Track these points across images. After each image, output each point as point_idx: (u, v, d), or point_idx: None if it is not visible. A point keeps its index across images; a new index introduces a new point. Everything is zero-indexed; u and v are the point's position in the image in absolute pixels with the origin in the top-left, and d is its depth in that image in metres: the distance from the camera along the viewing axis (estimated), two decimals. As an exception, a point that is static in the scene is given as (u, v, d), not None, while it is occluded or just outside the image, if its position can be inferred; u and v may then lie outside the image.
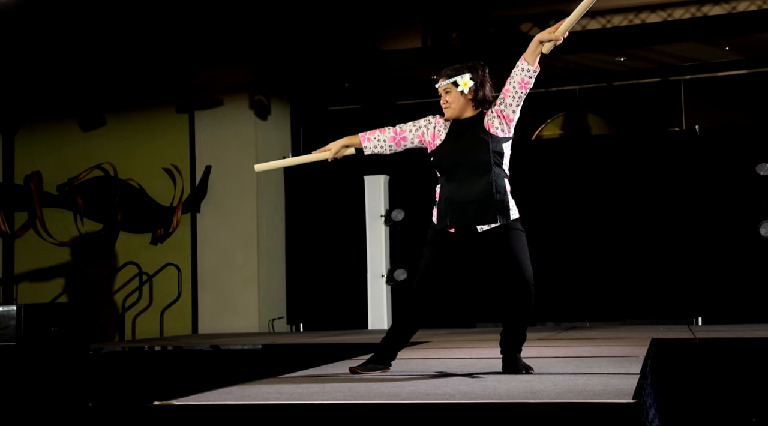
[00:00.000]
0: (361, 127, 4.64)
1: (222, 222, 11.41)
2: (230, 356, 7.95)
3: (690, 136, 10.59)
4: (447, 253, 4.42)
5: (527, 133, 11.69)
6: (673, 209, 10.50)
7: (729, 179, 10.32)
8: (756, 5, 9.94)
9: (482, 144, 4.33)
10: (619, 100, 11.59)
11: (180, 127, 11.73)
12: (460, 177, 4.35)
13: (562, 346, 6.65)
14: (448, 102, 4.42)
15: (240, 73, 11.39)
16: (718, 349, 7.01)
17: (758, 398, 6.75)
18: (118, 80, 11.78)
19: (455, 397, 3.34)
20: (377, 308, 10.81)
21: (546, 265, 10.67)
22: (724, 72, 11.23)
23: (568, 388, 3.55)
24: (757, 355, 6.88)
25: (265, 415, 3.29)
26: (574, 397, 3.20)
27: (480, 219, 4.30)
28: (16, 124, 12.32)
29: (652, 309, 10.48)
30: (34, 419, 6.09)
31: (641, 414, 3.06)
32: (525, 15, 10.51)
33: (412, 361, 5.32)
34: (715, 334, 7.67)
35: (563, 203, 10.85)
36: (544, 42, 4.31)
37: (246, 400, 3.46)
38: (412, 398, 3.34)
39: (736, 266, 10.22)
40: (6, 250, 12.20)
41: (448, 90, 4.42)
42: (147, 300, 11.54)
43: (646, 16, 10.26)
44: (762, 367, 6.82)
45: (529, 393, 3.45)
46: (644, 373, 4.15)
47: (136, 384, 7.80)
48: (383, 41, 11.09)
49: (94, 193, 11.96)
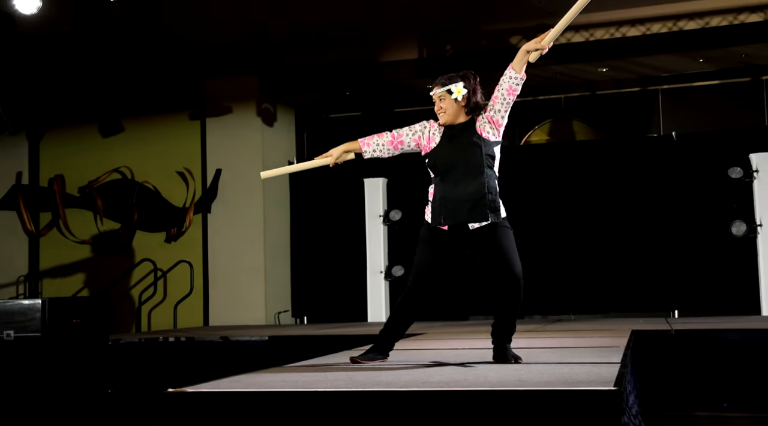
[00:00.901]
0: (360, 133, 4.63)
1: (231, 222, 11.40)
2: (239, 347, 7.94)
3: (667, 142, 10.60)
4: (440, 249, 4.41)
5: (516, 138, 11.69)
6: (651, 209, 10.51)
7: (703, 182, 10.33)
8: (727, 21, 9.95)
9: (475, 147, 4.32)
10: (602, 108, 11.58)
11: (192, 133, 11.73)
12: (455, 178, 4.34)
13: (548, 337, 6.65)
14: (442, 108, 4.42)
15: (248, 82, 11.39)
16: (693, 339, 7.01)
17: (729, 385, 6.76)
18: (134, 90, 11.79)
19: (449, 385, 3.33)
20: (376, 302, 10.81)
21: (534, 262, 10.67)
22: (698, 82, 11.23)
23: (554, 377, 3.55)
24: (728, 345, 6.89)
25: (272, 401, 3.28)
26: (560, 385, 3.20)
27: (472, 217, 4.30)
28: (41, 131, 12.32)
29: (632, 303, 10.49)
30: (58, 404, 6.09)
31: (622, 400, 3.06)
32: (514, 29, 10.51)
33: (408, 352, 5.31)
34: (690, 326, 7.67)
35: (550, 204, 10.86)
36: (531, 51, 4.31)
37: (254, 388, 3.45)
38: (409, 386, 3.34)
39: (709, 263, 10.22)
40: (32, 248, 12.20)
41: (443, 97, 4.42)
42: (161, 294, 11.53)
43: (626, 30, 10.26)
44: (733, 357, 6.82)
45: (518, 381, 3.45)
46: (624, 363, 4.14)
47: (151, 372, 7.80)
48: (381, 53, 11.09)
49: (112, 194, 11.95)
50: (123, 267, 11.70)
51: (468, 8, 10.00)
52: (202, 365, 7.76)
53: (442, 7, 9.98)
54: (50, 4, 8.15)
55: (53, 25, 9.62)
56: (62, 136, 12.23)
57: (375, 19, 10.29)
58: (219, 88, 11.47)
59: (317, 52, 11.14)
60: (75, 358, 6.34)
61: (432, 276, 4.43)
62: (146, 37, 10.60)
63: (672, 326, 7.49)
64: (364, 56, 11.08)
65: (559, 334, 6.96)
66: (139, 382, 7.35)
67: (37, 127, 12.26)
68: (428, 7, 9.99)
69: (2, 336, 6.17)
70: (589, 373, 3.67)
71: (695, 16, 10.06)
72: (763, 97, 11.02)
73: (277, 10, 9.86)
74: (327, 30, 10.65)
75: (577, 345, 5.58)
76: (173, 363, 7.97)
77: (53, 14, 8.72)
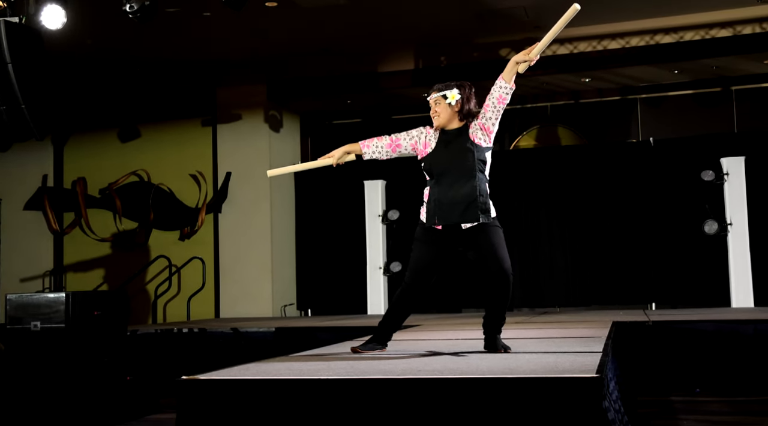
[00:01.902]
0: (361, 138, 4.62)
1: (240, 221, 11.39)
2: (248, 337, 7.93)
3: (645, 147, 10.60)
4: (434, 247, 4.40)
5: (506, 143, 11.69)
6: (630, 209, 10.51)
7: (678, 184, 10.34)
8: (700, 35, 9.96)
9: (468, 152, 4.31)
10: (585, 115, 11.58)
11: (204, 138, 11.72)
12: (448, 181, 4.32)
13: (535, 328, 6.65)
14: (437, 112, 4.41)
15: (256, 91, 11.38)
16: (669, 330, 7.02)
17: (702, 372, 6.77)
18: (151, 99, 11.78)
19: (443, 373, 3.33)
20: (375, 296, 10.79)
21: (523, 259, 10.69)
22: (673, 92, 11.23)
23: (541, 365, 3.55)
24: (701, 335, 6.90)
25: (278, 388, 3.28)
26: (546, 373, 3.20)
27: (465, 218, 4.29)
28: (65, 137, 12.31)
29: (613, 296, 10.48)
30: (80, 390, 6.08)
31: (603, 386, 3.06)
32: (504, 41, 10.51)
33: (405, 342, 5.31)
34: (666, 317, 7.67)
35: (538, 204, 10.86)
36: (520, 62, 4.30)
37: (261, 376, 3.45)
38: (406, 374, 3.34)
39: (684, 259, 10.23)
40: (56, 245, 12.19)
41: (438, 101, 4.41)
42: (176, 288, 11.52)
43: (607, 43, 10.26)
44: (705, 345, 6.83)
45: (507, 369, 3.45)
46: (606, 351, 4.14)
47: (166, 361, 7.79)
48: (380, 64, 11.08)
49: (130, 195, 11.94)
50: (140, 263, 11.69)
51: (461, 22, 9.99)
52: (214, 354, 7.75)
53: (437, 22, 9.98)
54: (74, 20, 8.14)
55: (77, 40, 9.62)
56: (84, 141, 12.22)
57: (374, 33, 10.28)
58: (229, 97, 11.46)
59: (321, 63, 11.14)
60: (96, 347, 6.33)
61: (427, 272, 4.42)
62: (162, 49, 10.60)
63: (649, 318, 7.49)
64: (364, 67, 11.08)
65: (545, 326, 6.96)
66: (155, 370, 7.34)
67: (61, 133, 12.24)
68: (424, 22, 9.98)
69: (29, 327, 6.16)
70: (573, 361, 3.67)
71: (671, 31, 10.07)
72: (732, 105, 11.03)
73: (284, 24, 9.85)
74: (329, 42, 10.64)
75: (562, 335, 5.58)
76: (187, 352, 7.97)
77: (77, 29, 8.72)
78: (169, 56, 10.93)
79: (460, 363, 3.79)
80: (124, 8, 7.73)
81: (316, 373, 3.46)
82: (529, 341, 5.15)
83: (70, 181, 12.22)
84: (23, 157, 12.05)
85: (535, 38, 10.05)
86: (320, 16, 9.58)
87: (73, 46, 9.92)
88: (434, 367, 3.61)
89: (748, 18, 9.77)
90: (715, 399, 6.28)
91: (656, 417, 5.64)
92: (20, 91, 7.01)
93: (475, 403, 3.04)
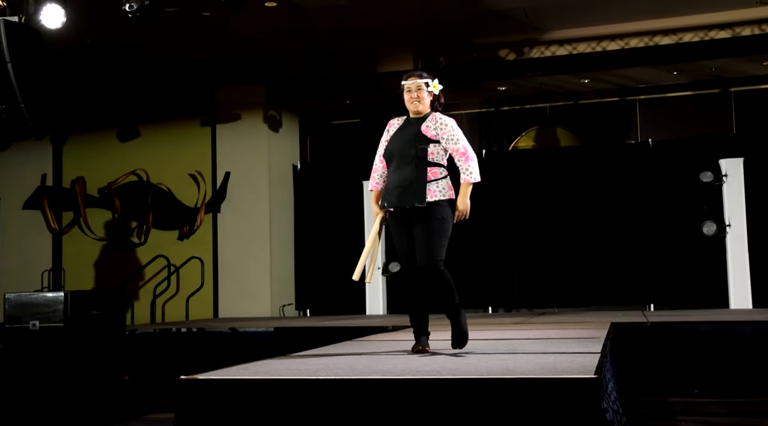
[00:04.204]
0: (359, 138, 4.70)
1: (239, 221, 11.38)
2: (246, 337, 7.93)
3: (644, 148, 10.60)
4: (402, 228, 4.54)
5: (505, 144, 11.68)
6: (629, 210, 10.51)
7: (676, 185, 10.34)
8: (699, 37, 9.96)
9: (414, 140, 4.49)
10: (584, 116, 11.58)
11: (203, 138, 11.71)
12: (394, 166, 4.54)
13: (534, 329, 6.65)
14: (420, 98, 4.58)
15: (255, 91, 11.37)
16: (667, 331, 7.02)
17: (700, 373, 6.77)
18: (150, 98, 11.77)
19: (441, 374, 3.33)
20: (374, 296, 10.79)
21: (522, 260, 10.69)
22: (672, 93, 11.24)
23: (539, 366, 3.55)
24: (699, 336, 6.90)
25: (277, 388, 3.28)
26: (544, 373, 3.20)
27: (402, 201, 4.45)
28: (65, 136, 12.30)
29: (612, 297, 10.48)
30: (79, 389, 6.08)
31: (601, 387, 3.06)
32: (503, 42, 10.51)
33: (403, 342, 5.31)
34: (664, 318, 7.67)
35: (536, 205, 10.85)
36: None
37: (260, 375, 3.45)
38: (405, 374, 3.34)
39: (682, 260, 10.23)
40: (55, 245, 12.18)
41: (421, 87, 4.52)
42: (174, 288, 11.51)
43: (606, 45, 10.26)
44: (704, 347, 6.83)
45: (505, 369, 3.45)
46: (604, 352, 4.14)
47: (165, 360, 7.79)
48: (379, 64, 11.07)
49: (129, 195, 11.93)
50: (139, 262, 11.69)
51: (460, 23, 9.99)
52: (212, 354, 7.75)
53: (436, 22, 9.98)
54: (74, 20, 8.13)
55: (76, 39, 9.61)
56: (83, 140, 12.21)
57: (373, 33, 10.28)
58: (228, 97, 11.46)
59: (320, 64, 11.14)
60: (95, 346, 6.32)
61: (410, 254, 4.54)
62: (161, 49, 10.60)
63: (648, 319, 7.49)
64: (363, 67, 11.07)
65: (544, 326, 6.96)
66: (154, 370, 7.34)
67: (60, 132, 12.23)
68: (423, 22, 9.98)
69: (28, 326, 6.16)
70: (571, 362, 3.67)
71: (670, 32, 10.07)
72: (731, 107, 11.04)
73: (283, 24, 9.85)
74: (329, 43, 10.64)
75: (561, 336, 5.58)
76: (185, 352, 7.97)
77: (77, 29, 8.71)
78: (168, 56, 10.92)
79: (458, 363, 3.79)
80: (123, 8, 7.72)
81: (315, 373, 3.46)
82: (528, 342, 5.16)
83: (69, 180, 12.20)
84: (22, 157, 12.04)
85: (534, 38, 10.12)
86: (320, 16, 9.58)
87: (73, 45, 9.92)
88: (433, 368, 3.61)
89: (747, 19, 9.78)
90: (713, 400, 6.28)
91: (654, 418, 5.64)
92: (19, 90, 7.01)
93: (474, 404, 3.04)
